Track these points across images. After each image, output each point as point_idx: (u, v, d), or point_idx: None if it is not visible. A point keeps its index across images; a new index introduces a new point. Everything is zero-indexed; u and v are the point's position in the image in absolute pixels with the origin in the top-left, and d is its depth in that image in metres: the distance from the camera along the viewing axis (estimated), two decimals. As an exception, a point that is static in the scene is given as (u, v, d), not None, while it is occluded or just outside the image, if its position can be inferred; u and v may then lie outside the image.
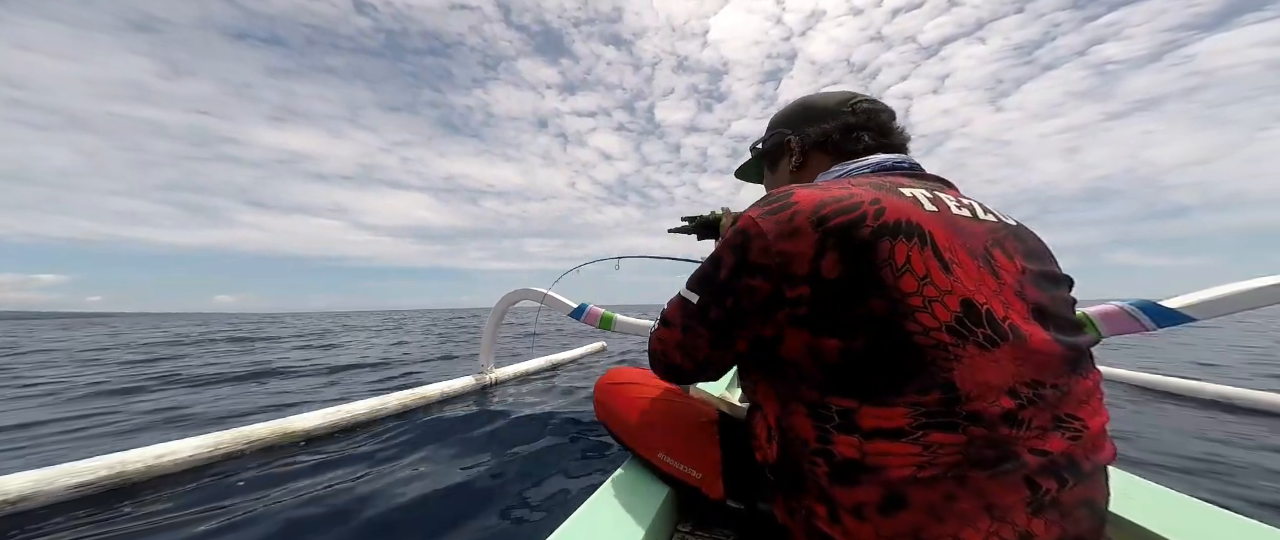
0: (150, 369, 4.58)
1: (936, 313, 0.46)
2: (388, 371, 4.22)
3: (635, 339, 6.17)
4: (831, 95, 0.75)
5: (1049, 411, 0.47)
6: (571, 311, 2.48)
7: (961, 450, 0.44)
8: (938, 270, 0.48)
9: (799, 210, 0.51)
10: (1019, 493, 0.44)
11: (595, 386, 1.03)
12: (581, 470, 1.58)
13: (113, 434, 2.26)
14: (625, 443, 0.92)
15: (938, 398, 0.45)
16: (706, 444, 0.78)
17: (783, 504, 0.57)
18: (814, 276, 0.49)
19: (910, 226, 0.49)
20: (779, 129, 0.79)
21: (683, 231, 1.43)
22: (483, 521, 1.23)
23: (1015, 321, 0.49)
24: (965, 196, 0.61)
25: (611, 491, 0.79)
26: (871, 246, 0.48)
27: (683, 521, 0.86)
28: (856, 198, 0.51)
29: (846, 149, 0.71)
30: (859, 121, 0.71)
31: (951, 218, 0.53)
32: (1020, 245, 0.57)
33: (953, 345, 0.46)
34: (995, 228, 0.56)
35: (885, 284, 0.47)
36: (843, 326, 0.48)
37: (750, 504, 0.69)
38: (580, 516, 0.71)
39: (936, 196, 0.56)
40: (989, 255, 0.52)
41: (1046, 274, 0.57)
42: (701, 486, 0.76)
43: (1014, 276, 0.53)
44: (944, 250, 0.49)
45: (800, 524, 0.54)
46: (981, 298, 0.48)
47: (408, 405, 2.34)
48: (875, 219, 0.49)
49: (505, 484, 1.47)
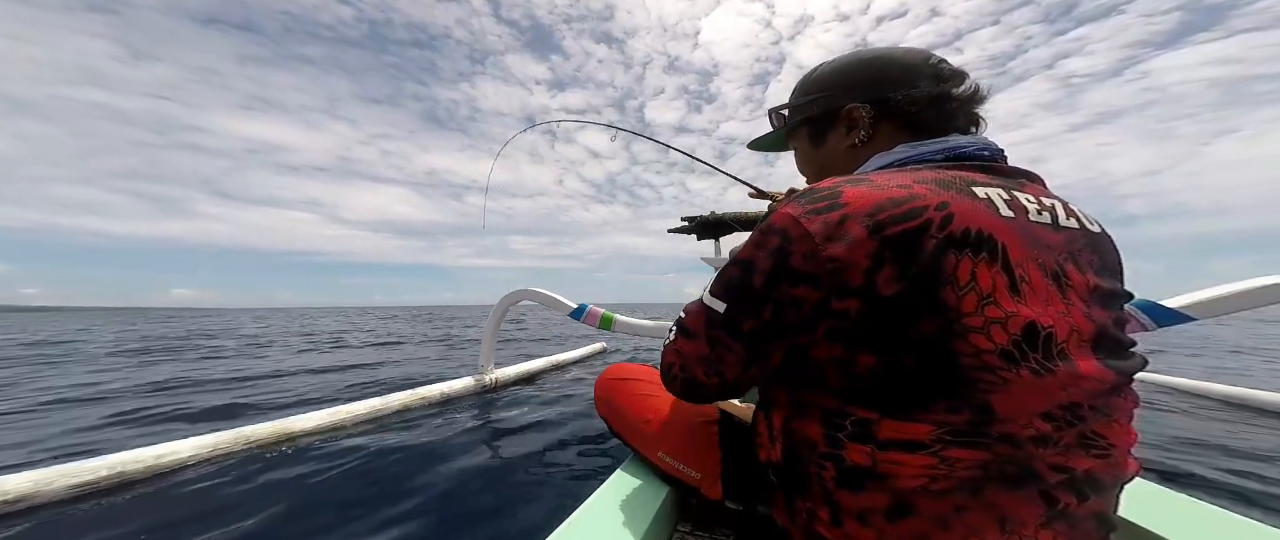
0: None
1: (994, 336, 0.41)
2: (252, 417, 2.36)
3: (635, 340, 6.16)
4: (910, 52, 0.61)
5: (1079, 430, 0.44)
6: (571, 311, 2.48)
7: (982, 466, 0.42)
8: (1004, 290, 0.42)
9: (850, 213, 0.43)
10: (1034, 508, 0.43)
11: (597, 382, 1.03)
12: (581, 470, 1.58)
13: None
14: (625, 439, 0.92)
15: (967, 418, 0.42)
16: (706, 444, 0.77)
17: (783, 506, 0.56)
18: (867, 290, 0.42)
19: (980, 238, 0.42)
20: (832, 92, 0.64)
21: (682, 231, 1.43)
22: (483, 521, 1.23)
23: (1073, 348, 0.44)
24: (1049, 195, 0.52)
25: (611, 491, 0.79)
26: (937, 262, 0.41)
27: (682, 521, 0.86)
28: (921, 200, 0.43)
29: (929, 126, 0.58)
30: (947, 90, 0.57)
31: (1027, 227, 0.46)
32: (1095, 259, 0.51)
33: (1002, 369, 0.41)
34: (1074, 237, 0.50)
35: (945, 305, 0.41)
36: (885, 345, 0.43)
37: (749, 506, 0.69)
38: (580, 516, 0.71)
39: (1014, 197, 0.48)
40: (1061, 270, 0.47)
41: (1114, 292, 0.52)
42: (701, 487, 0.76)
43: (1083, 295, 0.47)
44: (1016, 266, 0.43)
45: (800, 527, 0.54)
46: (1047, 320, 0.43)
47: (407, 405, 2.34)
48: (941, 228, 0.42)
49: (505, 484, 1.47)
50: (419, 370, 3.99)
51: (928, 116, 0.58)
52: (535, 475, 1.55)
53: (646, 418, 0.87)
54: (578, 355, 4.41)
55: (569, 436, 1.96)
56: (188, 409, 2.56)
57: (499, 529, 1.19)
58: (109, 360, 5.09)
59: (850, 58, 0.65)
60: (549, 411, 2.36)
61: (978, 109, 0.59)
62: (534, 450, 1.79)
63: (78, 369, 4.39)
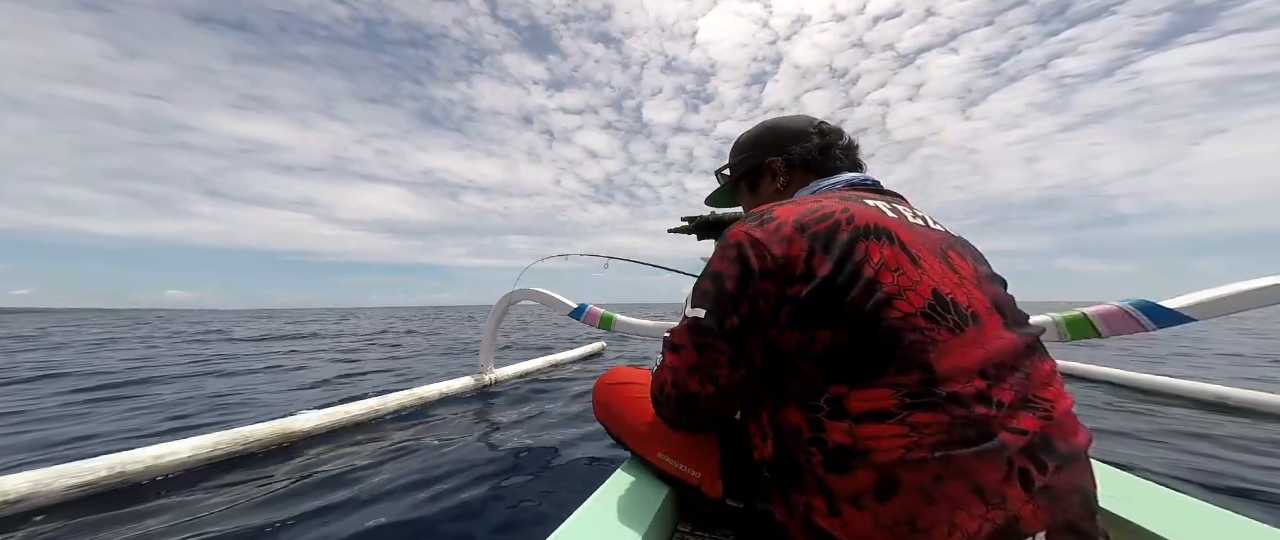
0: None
1: (911, 300, 0.52)
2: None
3: (635, 339, 6.17)
4: (797, 118, 0.84)
5: (1017, 393, 0.51)
6: (571, 311, 2.48)
7: (945, 430, 0.47)
8: (908, 264, 0.55)
9: (784, 221, 0.58)
10: (1000, 472, 0.46)
11: (594, 387, 1.03)
12: (581, 470, 1.58)
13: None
14: (625, 443, 0.92)
15: (917, 378, 0.49)
16: (706, 443, 0.77)
17: (781, 502, 0.57)
18: (809, 275, 0.54)
19: (879, 229, 0.57)
20: (754, 152, 0.85)
21: (683, 231, 1.43)
22: (483, 522, 1.23)
23: (976, 310, 0.55)
24: (918, 210, 0.69)
25: (611, 491, 0.79)
26: (851, 247, 0.54)
27: (682, 522, 0.85)
28: (828, 208, 0.59)
29: (824, 166, 0.78)
30: (829, 141, 0.79)
31: (909, 224, 0.61)
32: (968, 251, 0.65)
33: (928, 330, 0.51)
34: (945, 236, 0.64)
35: (866, 277, 0.53)
36: (833, 318, 0.53)
37: (750, 503, 0.69)
38: (580, 516, 0.71)
39: (894, 207, 0.64)
40: (946, 255, 0.60)
41: (992, 275, 0.65)
42: (701, 486, 0.76)
43: (970, 273, 0.60)
44: (910, 247, 0.57)
45: (799, 521, 0.55)
46: (947, 289, 0.55)
47: (407, 405, 2.34)
48: (848, 224, 0.56)
49: (504, 484, 1.47)
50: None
51: (820, 161, 0.78)
52: (535, 475, 1.55)
53: (646, 419, 0.87)
54: (577, 355, 4.41)
55: (568, 436, 1.96)
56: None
57: (499, 529, 1.19)
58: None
59: (762, 127, 0.86)
60: (548, 411, 2.36)
61: (857, 155, 0.81)
62: (533, 450, 1.79)
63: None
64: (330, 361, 4.80)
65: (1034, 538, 0.45)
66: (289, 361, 4.80)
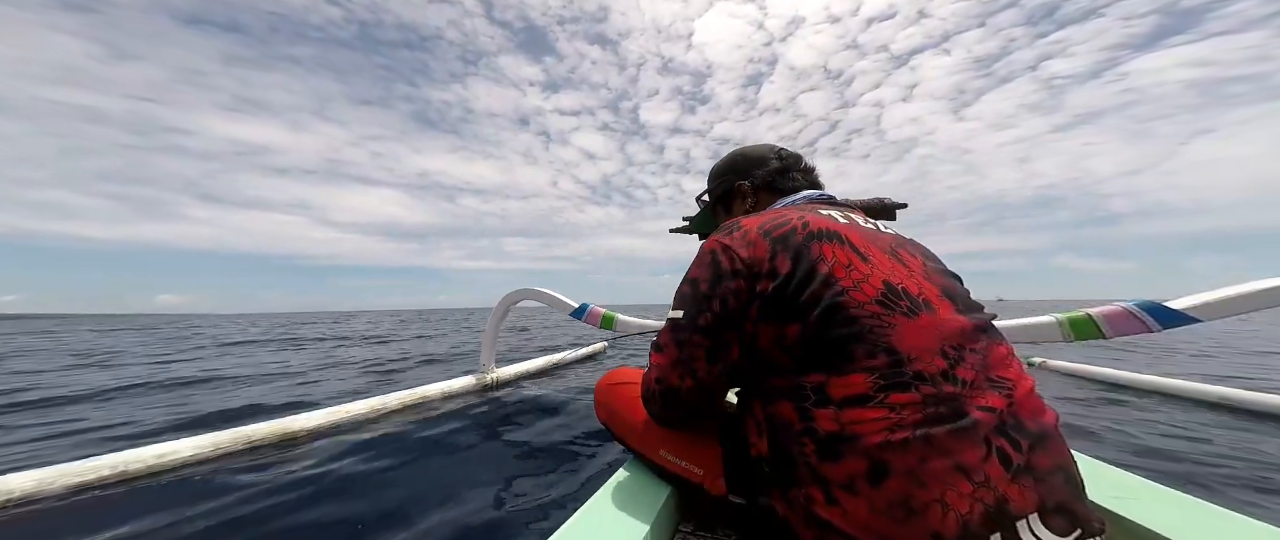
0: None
1: (865, 291, 0.58)
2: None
3: (636, 339, 6.16)
4: (759, 146, 0.95)
5: (979, 373, 0.55)
6: (572, 311, 2.48)
7: (920, 408, 0.51)
8: (857, 260, 0.61)
9: (748, 229, 0.67)
10: (979, 451, 0.49)
11: (596, 387, 1.03)
12: (583, 470, 1.58)
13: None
14: (627, 443, 0.92)
15: (884, 361, 0.54)
16: (707, 441, 0.78)
17: (780, 497, 0.58)
18: (773, 273, 0.61)
19: (830, 232, 0.64)
20: (727, 176, 0.95)
21: (684, 231, 1.44)
22: (484, 521, 1.23)
23: (929, 297, 0.61)
24: (869, 219, 0.77)
25: (613, 491, 0.79)
26: (806, 247, 0.62)
27: (685, 521, 0.85)
28: (785, 217, 0.67)
29: (784, 186, 0.88)
30: (787, 164, 0.89)
31: (860, 228, 0.69)
32: (918, 249, 0.72)
33: (884, 315, 0.57)
34: (895, 237, 0.72)
35: (822, 273, 0.59)
36: (799, 312, 0.59)
37: (752, 499, 0.70)
38: (582, 516, 0.70)
39: (847, 216, 0.73)
40: (896, 252, 0.66)
41: (944, 269, 0.71)
42: (704, 483, 0.76)
43: (919, 267, 0.66)
44: (859, 247, 0.63)
45: (799, 513, 0.56)
46: (897, 279, 0.61)
47: (408, 405, 2.34)
48: (803, 229, 0.64)
49: (506, 484, 1.47)
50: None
51: (782, 183, 0.88)
52: (536, 474, 1.54)
53: (647, 419, 0.87)
54: (578, 354, 4.41)
55: (570, 435, 1.96)
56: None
57: (500, 529, 1.19)
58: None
59: (730, 156, 0.97)
60: (550, 411, 2.36)
61: (815, 176, 0.91)
62: (535, 449, 1.79)
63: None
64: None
65: (1026, 519, 0.47)
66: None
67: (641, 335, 2.50)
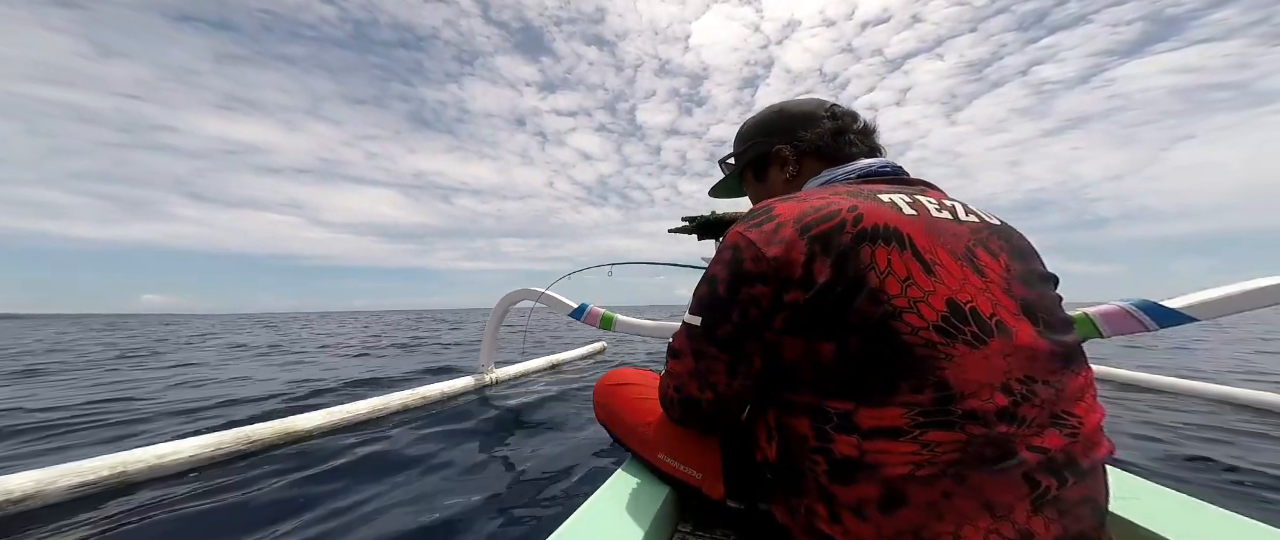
0: None
1: (923, 313, 0.47)
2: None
3: (636, 340, 6.17)
4: (805, 101, 0.77)
5: (1045, 408, 0.47)
6: (571, 312, 2.48)
7: (961, 448, 0.45)
8: (919, 272, 0.49)
9: (782, 221, 0.54)
10: (1017, 490, 0.44)
11: (595, 388, 1.03)
12: (581, 470, 1.58)
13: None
14: (625, 443, 0.92)
15: (931, 396, 0.45)
16: (707, 444, 0.77)
17: (782, 504, 0.57)
18: (807, 281, 0.50)
19: (888, 231, 0.51)
20: (761, 139, 0.78)
21: (684, 231, 1.43)
22: (483, 522, 1.23)
23: (1002, 318, 0.50)
24: (949, 198, 0.61)
25: (611, 492, 0.79)
26: (853, 251, 0.49)
27: (683, 522, 0.85)
28: (834, 207, 0.53)
29: (838, 153, 0.71)
30: (844, 124, 0.72)
31: (931, 221, 0.54)
32: (1005, 244, 0.58)
33: (942, 344, 0.46)
34: (978, 228, 0.57)
35: (870, 287, 0.48)
36: (836, 330, 0.49)
37: (751, 505, 0.69)
38: (580, 517, 0.71)
39: (916, 200, 0.57)
40: (972, 255, 0.54)
41: (1033, 272, 0.57)
42: (702, 487, 0.76)
43: (999, 274, 0.53)
44: (924, 252, 0.51)
45: (800, 524, 0.54)
46: (965, 296, 0.49)
47: (408, 405, 2.34)
48: (853, 225, 0.51)
49: (505, 484, 1.47)
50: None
51: (833, 148, 0.71)
52: (535, 475, 1.55)
53: (646, 420, 0.87)
54: (577, 355, 4.41)
55: (569, 436, 1.96)
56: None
57: (500, 529, 1.19)
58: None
59: (769, 111, 0.79)
60: (549, 411, 2.36)
61: (875, 138, 0.74)
62: (534, 450, 1.79)
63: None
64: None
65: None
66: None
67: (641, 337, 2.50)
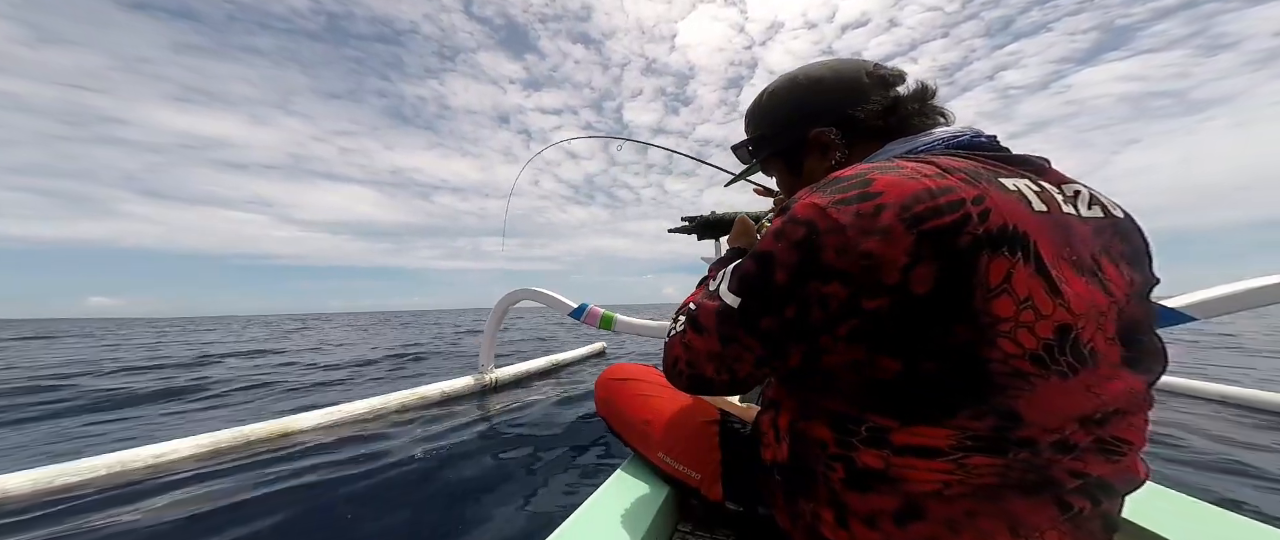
0: None
1: (1022, 340, 0.39)
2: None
3: (636, 340, 6.16)
4: (843, 63, 0.60)
5: (1100, 434, 0.43)
6: (571, 311, 2.48)
7: (1000, 473, 0.41)
8: (1041, 291, 0.39)
9: (885, 203, 0.40)
10: (1049, 513, 0.42)
11: (597, 381, 1.03)
12: (581, 470, 1.58)
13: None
14: (625, 440, 0.92)
15: (991, 424, 0.40)
16: (707, 445, 0.77)
17: (785, 507, 0.56)
18: (901, 289, 0.39)
19: (1015, 236, 0.39)
20: (793, 124, 0.62)
21: (683, 231, 1.42)
22: (483, 521, 1.23)
23: (1099, 346, 0.42)
24: (1068, 180, 0.49)
25: (611, 491, 0.79)
26: (969, 261, 0.38)
27: (683, 522, 0.85)
28: (957, 192, 0.40)
29: (899, 130, 0.57)
30: (899, 92, 0.57)
31: (1060, 220, 0.44)
32: (1125, 248, 0.49)
33: (1034, 375, 0.39)
34: (1102, 226, 0.48)
35: (979, 308, 0.38)
36: (913, 349, 0.41)
37: (750, 507, 0.69)
38: (580, 516, 0.70)
39: (1043, 189, 0.45)
40: (1097, 266, 0.45)
41: (1148, 285, 0.49)
42: (701, 487, 0.76)
43: (1121, 291, 0.45)
44: (1051, 266, 0.40)
45: (802, 529, 0.53)
46: (1079, 321, 0.41)
47: (407, 405, 2.34)
48: (980, 223, 0.39)
49: (504, 484, 1.47)
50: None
51: (893, 123, 0.57)
52: (535, 475, 1.54)
53: (647, 418, 0.87)
54: (577, 355, 4.41)
55: (569, 436, 1.96)
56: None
57: (499, 529, 1.19)
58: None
59: (795, 85, 0.63)
60: (549, 411, 2.36)
61: (933, 96, 0.58)
62: (534, 450, 1.79)
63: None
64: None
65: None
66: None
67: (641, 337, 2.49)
